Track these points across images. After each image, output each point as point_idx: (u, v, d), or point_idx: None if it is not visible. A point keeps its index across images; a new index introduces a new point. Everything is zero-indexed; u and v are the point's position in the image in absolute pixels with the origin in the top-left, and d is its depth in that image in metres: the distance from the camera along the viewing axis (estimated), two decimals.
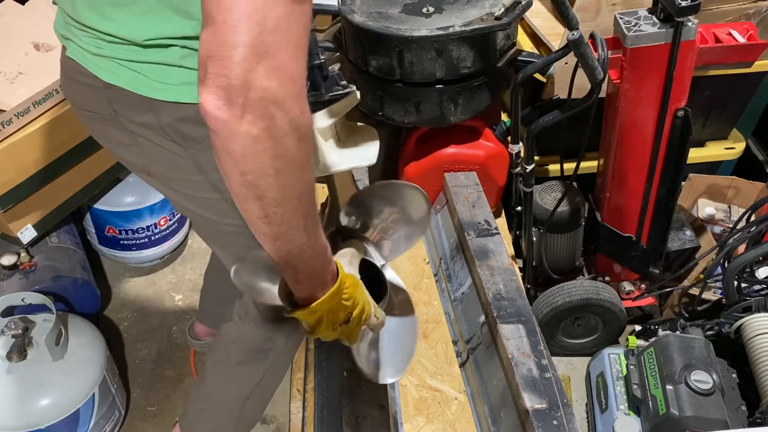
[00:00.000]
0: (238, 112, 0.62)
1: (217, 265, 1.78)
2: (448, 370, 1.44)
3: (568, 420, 1.14)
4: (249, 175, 0.65)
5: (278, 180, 0.66)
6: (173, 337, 2.06)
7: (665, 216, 1.71)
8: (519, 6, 1.48)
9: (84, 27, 0.99)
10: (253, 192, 0.67)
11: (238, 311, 1.38)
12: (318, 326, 0.89)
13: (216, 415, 1.49)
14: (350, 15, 1.50)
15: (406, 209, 1.01)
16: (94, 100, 1.04)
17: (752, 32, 1.63)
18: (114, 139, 1.10)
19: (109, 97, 1.01)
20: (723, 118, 2.03)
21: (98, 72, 0.99)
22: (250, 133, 0.63)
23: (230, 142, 0.63)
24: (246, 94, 0.62)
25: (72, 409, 1.58)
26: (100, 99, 1.02)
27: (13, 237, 1.81)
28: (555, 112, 1.58)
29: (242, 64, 0.61)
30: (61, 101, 1.77)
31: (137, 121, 1.02)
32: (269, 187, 0.67)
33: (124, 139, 1.07)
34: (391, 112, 1.58)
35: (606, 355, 1.73)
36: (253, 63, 0.61)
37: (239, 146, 0.63)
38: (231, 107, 0.62)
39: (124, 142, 1.08)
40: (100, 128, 1.10)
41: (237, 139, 0.63)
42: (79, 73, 1.02)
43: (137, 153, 1.08)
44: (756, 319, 1.53)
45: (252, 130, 0.63)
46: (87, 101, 1.07)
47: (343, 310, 0.89)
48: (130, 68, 0.96)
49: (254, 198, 0.67)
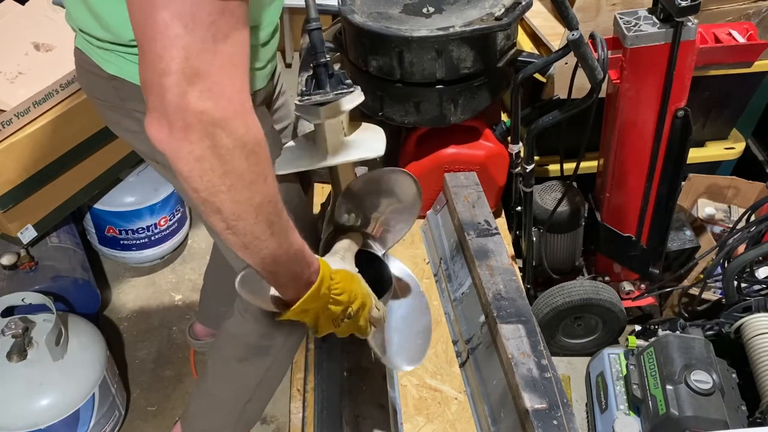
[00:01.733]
0: (180, 135, 0.64)
1: (217, 265, 1.78)
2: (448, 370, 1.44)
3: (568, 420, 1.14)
4: (201, 192, 0.68)
5: (231, 195, 0.68)
6: (173, 337, 2.06)
7: (665, 216, 1.71)
8: (519, 6, 1.48)
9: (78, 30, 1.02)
10: (210, 207, 0.69)
11: (239, 308, 1.38)
12: (317, 324, 0.89)
13: (217, 413, 1.50)
14: (350, 15, 1.50)
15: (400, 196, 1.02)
16: (103, 89, 1.06)
17: (752, 32, 1.63)
18: (124, 127, 1.11)
19: (115, 87, 1.03)
20: (723, 118, 2.03)
21: (102, 63, 1.01)
22: (194, 154, 0.65)
23: (176, 163, 0.66)
24: (183, 118, 0.63)
25: (72, 409, 1.58)
26: (108, 88, 1.04)
27: (13, 237, 1.81)
28: (555, 112, 1.58)
29: (174, 90, 0.63)
30: (62, 101, 1.77)
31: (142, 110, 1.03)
32: (223, 203, 0.69)
33: (133, 127, 1.08)
34: (391, 112, 1.58)
35: (606, 355, 1.73)
36: (185, 87, 0.63)
37: (185, 166, 0.66)
38: (172, 131, 0.64)
39: (133, 130, 1.09)
40: (111, 116, 1.12)
41: (182, 160, 0.65)
42: (88, 63, 1.05)
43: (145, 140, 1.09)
44: (756, 319, 1.53)
45: (195, 151, 0.65)
46: (97, 90, 1.09)
47: (336, 304, 0.89)
48: (130, 60, 0.97)
49: (212, 212, 0.70)
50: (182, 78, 0.63)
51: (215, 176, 0.66)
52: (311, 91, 1.01)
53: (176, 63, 0.62)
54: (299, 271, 0.83)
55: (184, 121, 0.63)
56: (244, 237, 0.72)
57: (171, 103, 0.63)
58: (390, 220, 1.06)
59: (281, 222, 0.76)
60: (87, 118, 1.82)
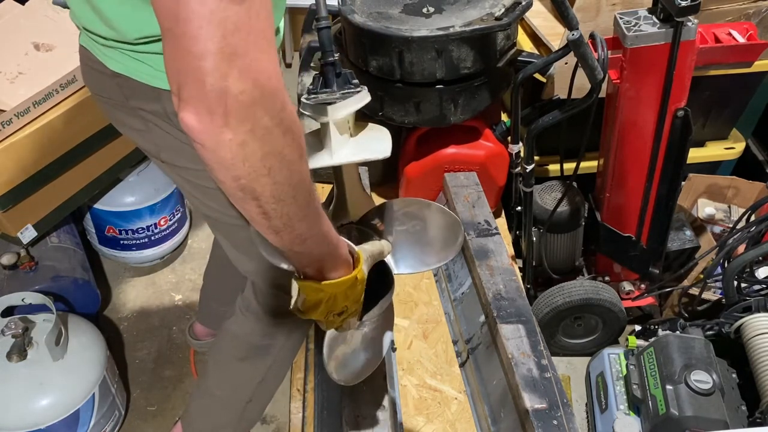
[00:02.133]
0: (221, 121, 0.61)
1: (217, 264, 1.78)
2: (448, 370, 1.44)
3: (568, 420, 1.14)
4: (242, 179, 0.65)
5: (272, 178, 0.66)
6: (173, 337, 2.06)
7: (665, 216, 1.71)
8: (519, 6, 1.48)
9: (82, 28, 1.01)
10: (250, 194, 0.67)
11: (240, 306, 1.38)
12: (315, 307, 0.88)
13: (218, 413, 1.50)
14: (350, 15, 1.50)
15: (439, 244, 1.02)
16: (107, 87, 1.06)
17: (752, 32, 1.63)
18: (128, 125, 1.11)
19: (119, 84, 1.03)
20: (723, 118, 2.03)
21: (106, 61, 1.01)
22: (237, 139, 0.62)
23: (218, 152, 0.63)
24: (225, 102, 0.60)
25: (72, 409, 1.58)
26: (112, 86, 1.04)
27: (13, 237, 1.81)
28: (555, 112, 1.58)
29: (215, 73, 0.59)
30: (62, 101, 1.77)
31: (147, 108, 1.04)
32: (264, 187, 0.66)
33: (137, 125, 1.08)
34: (391, 112, 1.59)
35: (606, 355, 1.73)
36: (225, 69, 0.59)
37: (228, 154, 0.63)
38: (213, 119, 0.61)
39: (137, 128, 1.09)
40: (115, 114, 1.12)
41: (224, 148, 0.62)
42: (92, 61, 1.05)
43: (149, 139, 1.10)
44: (756, 319, 1.53)
45: (238, 136, 0.62)
46: (102, 88, 1.09)
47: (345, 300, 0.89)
48: (134, 58, 0.97)
49: (251, 198, 0.67)
50: (222, 59, 0.59)
51: (257, 159, 0.64)
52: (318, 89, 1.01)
53: (214, 42, 0.59)
54: (325, 252, 0.82)
55: (225, 105, 0.60)
56: (279, 219, 0.70)
57: (213, 88, 0.59)
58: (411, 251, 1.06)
59: (314, 203, 0.74)
60: (87, 118, 1.82)
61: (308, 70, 1.76)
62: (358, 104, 1.00)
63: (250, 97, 0.61)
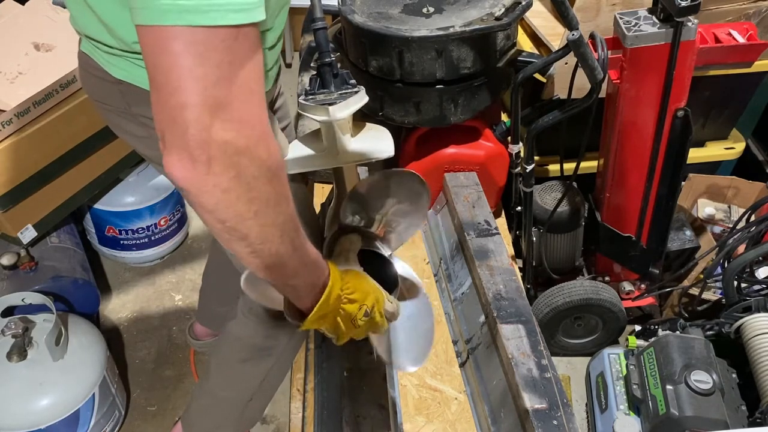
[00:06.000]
0: (204, 169, 0.62)
1: (216, 265, 1.78)
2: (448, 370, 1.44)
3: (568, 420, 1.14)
4: (227, 222, 0.66)
5: (257, 221, 0.67)
6: (173, 337, 2.06)
7: (665, 216, 1.71)
8: (519, 6, 1.48)
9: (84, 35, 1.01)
10: (236, 235, 0.67)
11: (242, 308, 1.38)
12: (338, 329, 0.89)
13: (218, 413, 1.50)
14: (350, 15, 1.50)
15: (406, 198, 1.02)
16: (108, 94, 1.06)
17: (752, 32, 1.63)
18: (129, 131, 1.11)
19: (122, 91, 1.02)
20: (723, 118, 2.03)
21: (109, 68, 1.00)
22: (220, 186, 0.63)
23: (201, 197, 0.64)
24: (207, 151, 0.61)
25: (72, 409, 1.58)
26: (114, 92, 1.04)
27: (13, 237, 1.81)
28: (555, 112, 1.58)
29: (196, 124, 0.60)
30: (62, 101, 1.77)
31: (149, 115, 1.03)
32: (250, 229, 0.67)
33: (138, 132, 1.08)
34: (391, 112, 1.58)
35: (606, 355, 1.73)
36: (208, 120, 0.60)
37: (212, 199, 0.64)
38: (195, 166, 0.61)
39: (138, 135, 1.09)
40: (115, 120, 1.12)
41: (208, 194, 0.63)
42: (93, 67, 1.04)
43: (150, 145, 1.10)
44: (756, 319, 1.53)
45: (221, 183, 0.63)
46: (102, 94, 1.08)
47: (351, 303, 0.89)
48: (138, 65, 0.97)
49: (237, 239, 0.68)
50: (204, 110, 0.60)
51: (241, 204, 0.65)
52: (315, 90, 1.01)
53: (195, 94, 0.59)
54: (315, 280, 0.83)
55: (208, 154, 0.61)
56: (269, 258, 0.71)
57: (194, 138, 0.60)
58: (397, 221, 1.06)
59: (300, 237, 0.76)
60: (87, 118, 1.82)
61: (308, 70, 1.76)
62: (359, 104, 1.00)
63: (234, 147, 0.62)
